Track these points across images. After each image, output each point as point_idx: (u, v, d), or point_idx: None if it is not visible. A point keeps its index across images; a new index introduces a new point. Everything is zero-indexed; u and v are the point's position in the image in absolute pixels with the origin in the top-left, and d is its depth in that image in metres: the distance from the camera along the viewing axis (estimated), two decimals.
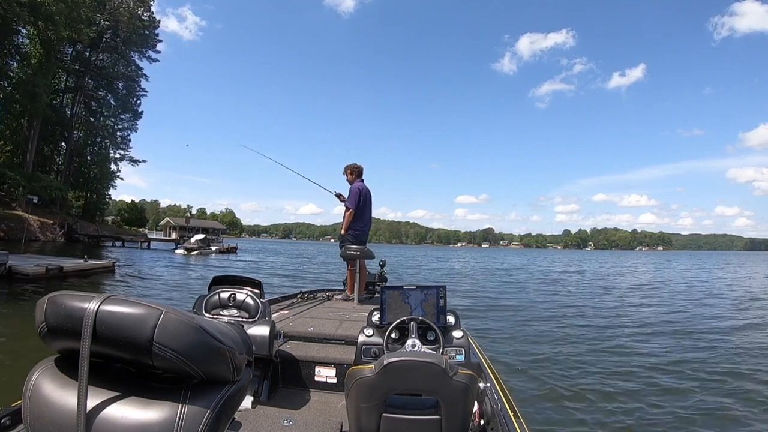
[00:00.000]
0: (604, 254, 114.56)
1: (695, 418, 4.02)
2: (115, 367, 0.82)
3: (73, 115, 44.26)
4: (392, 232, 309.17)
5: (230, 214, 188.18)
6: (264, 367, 2.55)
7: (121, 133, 49.05)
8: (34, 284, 10.75)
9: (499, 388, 2.32)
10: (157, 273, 17.77)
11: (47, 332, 0.78)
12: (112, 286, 12.86)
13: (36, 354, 0.85)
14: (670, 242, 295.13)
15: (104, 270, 14.48)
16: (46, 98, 34.47)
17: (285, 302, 4.33)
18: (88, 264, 13.75)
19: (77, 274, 12.85)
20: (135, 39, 43.49)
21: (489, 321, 8.90)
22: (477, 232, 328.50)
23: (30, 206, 30.45)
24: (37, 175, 34.22)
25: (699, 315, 10.32)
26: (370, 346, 2.15)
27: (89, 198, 48.96)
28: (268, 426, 2.10)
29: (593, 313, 10.43)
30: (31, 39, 35.86)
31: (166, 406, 0.75)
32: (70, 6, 31.10)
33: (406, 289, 2.27)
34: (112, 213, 71.19)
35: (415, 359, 1.43)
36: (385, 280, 5.05)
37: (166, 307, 0.77)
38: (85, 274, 13.16)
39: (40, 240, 33.93)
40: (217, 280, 2.77)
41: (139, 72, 47.79)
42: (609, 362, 5.90)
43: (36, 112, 34.98)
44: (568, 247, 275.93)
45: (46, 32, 33.21)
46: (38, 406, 0.75)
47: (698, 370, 5.52)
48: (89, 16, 34.44)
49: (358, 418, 1.51)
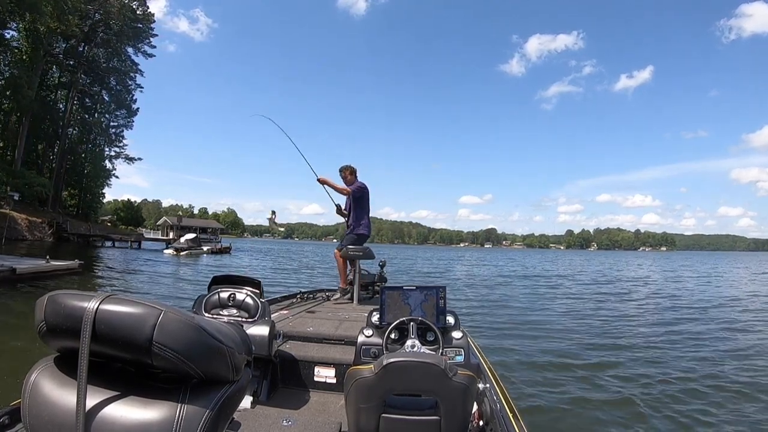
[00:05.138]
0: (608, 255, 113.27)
1: (695, 419, 4.00)
2: (115, 366, 0.82)
3: (66, 111, 43.14)
4: (395, 232, 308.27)
5: (232, 213, 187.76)
6: (263, 367, 2.56)
7: (116, 130, 48.09)
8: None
9: (498, 389, 2.30)
10: (127, 278, 15.89)
11: (47, 331, 0.78)
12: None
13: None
14: (673, 243, 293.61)
15: (67, 272, 12.98)
16: (31, 92, 33.23)
17: (284, 302, 4.30)
18: (49, 265, 12.32)
19: (33, 277, 11.39)
20: (128, 32, 42.31)
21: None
22: (479, 232, 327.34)
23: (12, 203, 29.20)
24: (21, 172, 33.05)
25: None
26: (370, 347, 2.15)
27: (83, 196, 47.87)
28: (268, 426, 2.10)
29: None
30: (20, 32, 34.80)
31: (166, 405, 0.75)
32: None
33: (405, 290, 2.27)
34: (108, 212, 70.17)
35: (415, 360, 1.43)
36: (384, 280, 4.99)
37: (166, 306, 0.77)
38: (42, 277, 11.69)
39: (28, 239, 32.84)
40: (216, 279, 2.76)
41: (134, 67, 46.77)
42: (611, 363, 5.83)
43: (21, 107, 33.85)
44: (571, 247, 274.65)
45: (33, 23, 32.11)
46: (37, 404, 0.75)
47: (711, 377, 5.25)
48: (77, 6, 33.20)
49: (357, 418, 1.50)
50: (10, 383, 3.97)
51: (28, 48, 35.05)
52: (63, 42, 40.82)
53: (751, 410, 4.20)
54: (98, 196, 50.52)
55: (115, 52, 44.26)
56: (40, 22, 31.74)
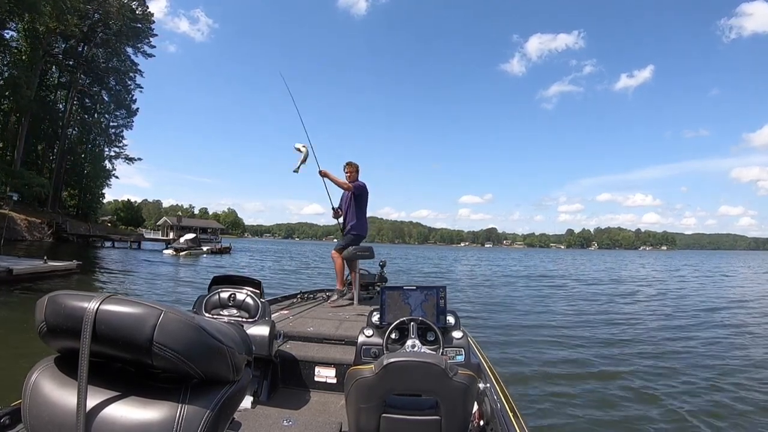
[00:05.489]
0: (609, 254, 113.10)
1: (695, 420, 3.94)
2: (115, 366, 0.82)
3: (66, 111, 43.02)
4: (395, 232, 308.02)
5: (232, 214, 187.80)
6: (264, 367, 2.55)
7: (115, 130, 47.95)
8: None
9: (498, 389, 2.28)
10: (123, 278, 15.62)
11: (47, 331, 0.78)
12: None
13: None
14: (673, 242, 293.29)
15: (65, 273, 12.88)
16: (29, 92, 33.12)
17: (285, 302, 4.28)
18: (46, 266, 12.21)
19: (30, 278, 11.27)
20: (127, 32, 42.17)
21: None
22: (480, 232, 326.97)
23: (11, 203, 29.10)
24: (21, 172, 32.94)
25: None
26: (370, 347, 2.15)
27: (83, 197, 47.74)
28: (268, 426, 2.09)
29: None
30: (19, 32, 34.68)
31: (166, 405, 0.75)
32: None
33: (406, 290, 2.27)
34: (108, 212, 70.06)
35: (415, 360, 1.42)
36: (385, 280, 4.94)
37: (166, 306, 0.78)
38: (40, 278, 11.56)
39: (27, 240, 32.74)
40: (217, 280, 2.76)
41: (133, 67, 46.63)
42: (611, 363, 5.77)
43: (20, 107, 33.74)
44: (572, 246, 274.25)
45: (32, 23, 31.98)
46: (38, 405, 0.75)
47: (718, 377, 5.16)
48: (76, 6, 33.07)
49: (357, 418, 1.50)
50: (7, 384, 3.88)
51: (27, 48, 34.92)
52: (62, 42, 40.69)
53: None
54: (98, 196, 50.36)
55: (114, 52, 44.06)
56: (39, 22, 31.62)
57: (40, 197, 38.25)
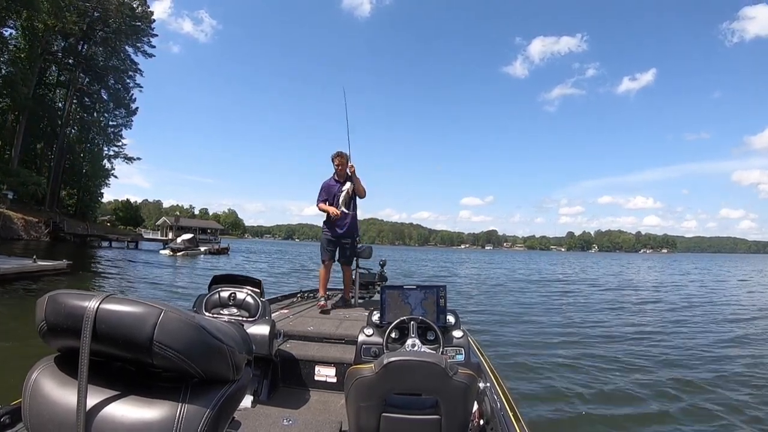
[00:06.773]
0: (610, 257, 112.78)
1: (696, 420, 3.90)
2: (115, 365, 0.82)
3: (65, 110, 42.69)
4: (395, 234, 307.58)
5: (233, 214, 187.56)
6: (264, 366, 2.54)
7: (114, 129, 47.59)
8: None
9: (498, 388, 2.28)
10: (111, 281, 15.00)
11: (47, 331, 0.78)
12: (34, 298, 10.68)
13: None
14: (674, 245, 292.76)
15: (54, 273, 12.46)
16: (26, 90, 32.80)
17: (285, 301, 4.25)
18: (35, 266, 11.81)
19: (17, 278, 10.82)
20: (126, 30, 41.87)
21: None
22: (480, 234, 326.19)
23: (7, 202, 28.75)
24: (17, 170, 32.60)
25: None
26: (370, 346, 2.15)
27: (81, 196, 47.37)
28: (268, 425, 2.09)
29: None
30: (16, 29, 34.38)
31: (166, 405, 0.75)
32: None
33: (406, 289, 2.27)
34: (107, 212, 69.68)
35: (415, 359, 1.42)
36: (385, 279, 4.93)
37: (166, 305, 0.77)
38: (27, 278, 11.12)
39: (24, 239, 32.35)
40: (217, 279, 2.73)
41: (133, 66, 46.32)
42: (610, 363, 5.68)
43: (17, 105, 33.42)
44: (572, 249, 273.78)
45: (30, 20, 31.69)
46: (38, 404, 0.75)
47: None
48: (74, 3, 32.81)
49: (357, 417, 1.50)
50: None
51: (25, 45, 34.61)
52: (62, 40, 40.41)
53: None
54: (97, 195, 49.97)
55: (114, 51, 43.80)
56: (37, 20, 31.33)
57: (37, 196, 37.87)
